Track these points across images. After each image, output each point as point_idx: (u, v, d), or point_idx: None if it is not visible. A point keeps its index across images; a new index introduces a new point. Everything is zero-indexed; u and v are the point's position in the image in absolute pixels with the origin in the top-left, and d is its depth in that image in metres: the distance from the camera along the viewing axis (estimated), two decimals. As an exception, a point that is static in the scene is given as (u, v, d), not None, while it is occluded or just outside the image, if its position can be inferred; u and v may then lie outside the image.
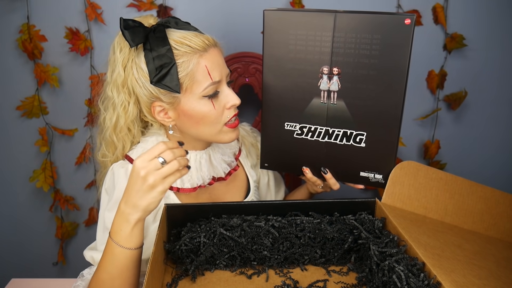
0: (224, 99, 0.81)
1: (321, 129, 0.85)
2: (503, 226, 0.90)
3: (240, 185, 0.98)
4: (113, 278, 0.70)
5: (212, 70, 0.77)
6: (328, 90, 0.82)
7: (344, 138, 0.84)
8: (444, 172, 0.87)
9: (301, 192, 1.05)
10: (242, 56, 1.18)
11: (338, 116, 0.83)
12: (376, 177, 0.85)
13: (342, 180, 0.90)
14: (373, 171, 0.85)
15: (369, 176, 0.86)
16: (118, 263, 0.70)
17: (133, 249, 0.70)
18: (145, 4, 1.22)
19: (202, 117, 0.80)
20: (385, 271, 0.62)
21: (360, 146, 0.84)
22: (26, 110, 1.31)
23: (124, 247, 0.69)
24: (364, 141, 0.83)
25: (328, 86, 0.82)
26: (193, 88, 0.77)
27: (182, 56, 0.76)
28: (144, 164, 0.66)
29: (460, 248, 0.71)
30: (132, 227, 0.68)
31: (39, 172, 1.36)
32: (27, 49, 1.24)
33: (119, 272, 0.70)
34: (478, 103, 1.34)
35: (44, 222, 1.45)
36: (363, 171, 0.86)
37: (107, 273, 0.70)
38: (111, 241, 0.70)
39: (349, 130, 0.84)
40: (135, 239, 0.70)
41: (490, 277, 0.62)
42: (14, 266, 1.49)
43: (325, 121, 0.84)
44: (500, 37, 1.28)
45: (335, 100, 0.82)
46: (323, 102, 0.83)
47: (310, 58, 0.81)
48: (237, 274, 0.71)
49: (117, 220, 0.69)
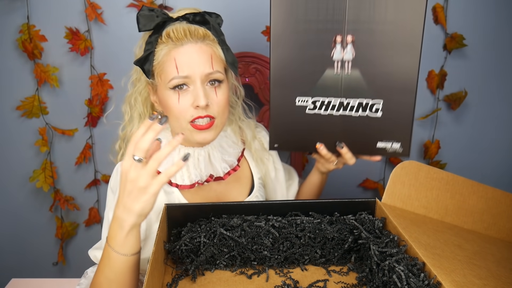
0: (192, 97, 0.80)
1: (335, 102, 0.82)
2: (503, 225, 0.90)
3: (244, 182, 0.97)
4: (110, 281, 0.70)
5: (181, 64, 0.78)
6: (342, 59, 0.80)
7: (360, 108, 0.82)
8: (445, 172, 0.87)
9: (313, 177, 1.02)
10: (242, 56, 1.18)
11: (353, 86, 0.81)
12: (393, 147, 0.84)
13: (358, 154, 0.87)
14: (391, 140, 0.84)
15: (386, 147, 0.84)
16: (114, 268, 0.69)
17: (128, 256, 0.68)
18: (145, 4, 1.22)
19: (169, 109, 0.82)
20: (385, 271, 0.62)
21: (376, 116, 0.82)
22: (26, 110, 1.31)
23: (119, 253, 0.68)
24: (380, 110, 0.82)
25: (342, 55, 0.79)
26: (162, 77, 0.81)
27: (160, 45, 0.80)
28: (127, 165, 0.63)
29: (460, 248, 0.71)
30: (126, 234, 0.66)
31: (39, 172, 1.36)
32: (27, 49, 1.24)
33: (115, 276, 0.69)
34: (478, 103, 1.34)
35: (44, 222, 1.45)
36: (380, 141, 0.84)
37: (104, 277, 0.70)
38: (107, 245, 0.69)
39: (364, 99, 0.81)
40: (130, 245, 0.68)
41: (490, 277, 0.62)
42: (14, 266, 1.49)
43: (340, 92, 0.81)
44: (500, 37, 1.28)
45: (350, 69, 0.80)
46: (337, 73, 0.80)
47: (322, 28, 0.79)
48: (237, 274, 0.71)
49: (113, 225, 0.67)
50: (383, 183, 1.42)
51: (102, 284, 0.70)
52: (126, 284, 0.71)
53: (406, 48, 0.78)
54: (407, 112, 0.82)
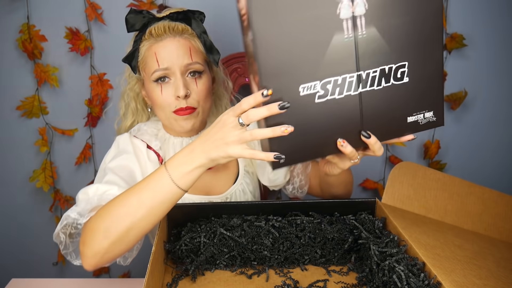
0: (174, 88, 0.85)
1: (352, 77, 0.62)
2: (502, 226, 0.90)
3: (231, 171, 0.98)
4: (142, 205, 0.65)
5: (161, 58, 0.83)
6: (353, 16, 0.60)
7: (383, 78, 0.64)
8: (441, 172, 0.87)
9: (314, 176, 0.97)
10: (242, 56, 1.18)
11: (371, 50, 0.62)
12: (426, 117, 0.68)
13: (385, 139, 0.69)
14: (422, 110, 0.68)
15: (418, 119, 0.68)
16: (157, 193, 0.65)
17: (179, 189, 0.65)
18: (145, 4, 1.22)
19: (154, 101, 0.87)
20: (385, 271, 0.62)
21: (403, 84, 0.65)
22: (26, 110, 1.31)
23: (174, 182, 0.64)
24: (407, 74, 0.64)
25: (351, 10, 0.59)
26: (146, 71, 0.87)
27: (143, 42, 0.86)
28: (231, 120, 0.62)
29: (460, 248, 0.71)
30: (191, 170, 0.64)
31: (39, 172, 1.36)
32: (27, 49, 1.24)
33: (151, 202, 0.65)
34: (478, 103, 1.34)
35: (44, 222, 1.45)
36: (410, 115, 0.67)
37: (138, 198, 0.65)
38: (164, 170, 0.65)
39: (387, 65, 0.63)
40: (188, 181, 0.65)
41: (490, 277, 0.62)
42: (14, 266, 1.49)
43: (355, 63, 0.62)
44: (500, 37, 1.28)
45: (364, 28, 0.61)
46: (348, 37, 0.60)
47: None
48: (237, 274, 0.71)
49: (182, 154, 0.65)
50: (383, 183, 1.42)
51: (131, 204, 0.65)
52: (156, 215, 0.66)
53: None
54: (437, 69, 0.66)
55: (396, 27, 0.62)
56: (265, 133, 0.60)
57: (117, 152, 0.88)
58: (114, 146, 0.91)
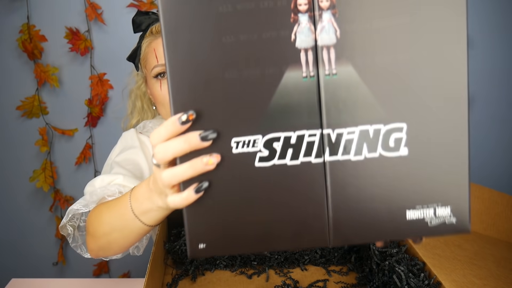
0: None
1: (312, 136, 0.40)
2: (502, 226, 0.90)
3: None
4: (112, 227, 0.59)
5: (160, 53, 0.85)
6: (315, 46, 0.38)
7: (365, 145, 0.40)
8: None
9: None
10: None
11: (344, 98, 0.39)
12: (439, 215, 0.42)
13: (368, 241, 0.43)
14: (431, 202, 0.41)
15: (424, 216, 0.41)
16: (122, 223, 0.58)
17: (146, 225, 0.56)
18: (145, 4, 1.22)
19: (155, 97, 0.88)
20: (386, 271, 0.62)
21: (398, 157, 0.40)
22: (26, 110, 1.31)
23: (137, 218, 0.55)
24: (405, 143, 0.40)
25: (313, 37, 0.38)
26: (147, 67, 0.88)
27: (144, 39, 0.87)
28: None
29: (460, 248, 0.71)
30: (153, 209, 0.53)
31: (39, 172, 1.36)
32: (27, 49, 1.24)
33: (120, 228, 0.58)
34: (479, 103, 1.35)
35: (44, 222, 1.45)
36: (411, 208, 0.41)
37: (108, 220, 0.60)
38: (128, 201, 0.56)
39: (371, 125, 0.40)
40: (151, 218, 0.55)
41: (490, 277, 0.62)
42: (14, 266, 1.49)
43: (318, 116, 0.39)
44: (500, 37, 1.28)
45: (334, 65, 0.39)
46: (309, 76, 0.39)
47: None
48: (237, 274, 0.71)
49: (144, 189, 0.54)
50: (383, 183, 1.42)
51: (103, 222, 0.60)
52: (124, 239, 0.60)
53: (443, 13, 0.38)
54: (459, 138, 0.41)
55: (387, 65, 0.39)
56: (180, 171, 0.40)
57: (124, 147, 0.89)
58: (120, 142, 0.91)
